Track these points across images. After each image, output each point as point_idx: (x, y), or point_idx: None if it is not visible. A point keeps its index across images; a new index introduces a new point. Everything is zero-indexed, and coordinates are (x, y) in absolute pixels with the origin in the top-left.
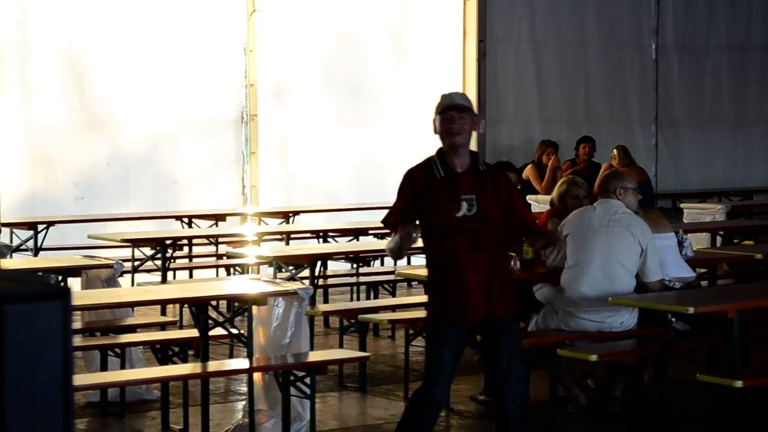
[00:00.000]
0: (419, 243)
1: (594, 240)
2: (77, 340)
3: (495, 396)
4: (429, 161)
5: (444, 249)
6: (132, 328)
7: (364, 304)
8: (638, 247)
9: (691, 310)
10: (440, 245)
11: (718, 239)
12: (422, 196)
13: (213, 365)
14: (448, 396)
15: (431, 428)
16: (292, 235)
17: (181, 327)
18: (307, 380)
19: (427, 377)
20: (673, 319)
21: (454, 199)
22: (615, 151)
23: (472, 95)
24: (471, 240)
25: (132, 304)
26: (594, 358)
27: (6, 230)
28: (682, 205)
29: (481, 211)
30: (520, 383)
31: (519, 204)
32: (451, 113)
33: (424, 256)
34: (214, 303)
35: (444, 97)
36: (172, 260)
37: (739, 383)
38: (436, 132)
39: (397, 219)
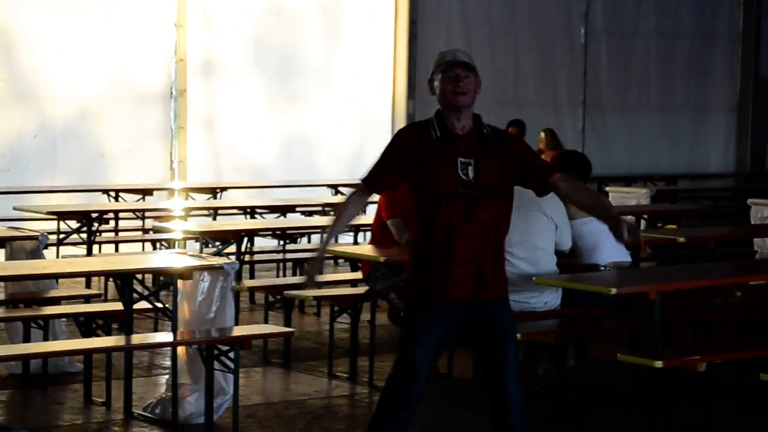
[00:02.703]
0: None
1: (511, 227)
2: (0, 311)
3: (494, 394)
4: (426, 122)
5: (434, 216)
6: (56, 301)
7: (290, 280)
8: (553, 225)
9: (614, 290)
10: (430, 212)
11: (643, 222)
12: (413, 158)
13: (137, 338)
14: (371, 375)
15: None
16: (220, 211)
17: (106, 300)
18: (231, 355)
19: (401, 365)
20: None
21: (450, 162)
22: (543, 134)
23: (403, 76)
24: (465, 208)
25: (56, 276)
26: (517, 336)
27: None
28: (607, 189)
29: (479, 177)
30: (518, 378)
31: (530, 155)
32: (457, 71)
33: (351, 233)
34: (139, 276)
35: (446, 53)
36: (98, 234)
37: (659, 363)
38: (433, 93)
39: (374, 181)
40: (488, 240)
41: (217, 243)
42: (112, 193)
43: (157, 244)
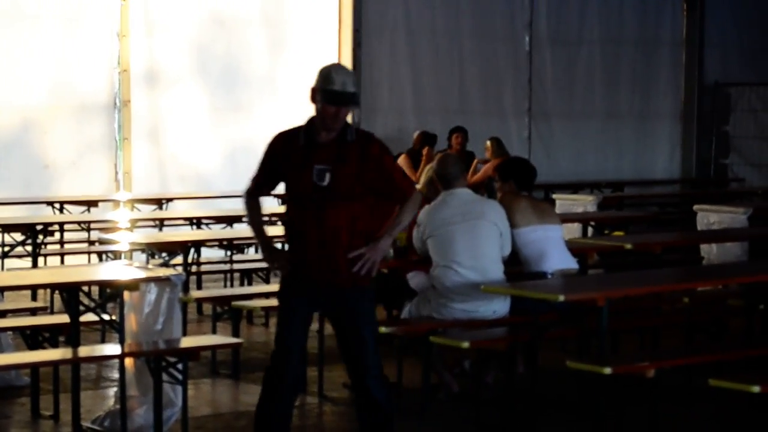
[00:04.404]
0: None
1: (455, 238)
2: None
3: (357, 385)
4: (297, 128)
5: (294, 218)
6: (1, 314)
7: (238, 290)
8: (498, 231)
9: (562, 297)
10: (291, 214)
11: (590, 230)
12: (280, 164)
13: (84, 351)
14: (321, 385)
15: (288, 411)
16: (165, 222)
17: (52, 313)
18: (180, 366)
19: (275, 356)
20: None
21: (307, 169)
22: (488, 142)
23: None
24: (316, 212)
25: (1, 289)
26: (466, 345)
27: None
28: (554, 196)
29: (334, 183)
30: (380, 368)
31: (391, 171)
32: (338, 106)
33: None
34: (85, 289)
35: (334, 77)
36: (43, 246)
37: (607, 370)
38: (313, 101)
39: (255, 186)
40: (338, 241)
41: (164, 254)
42: (57, 205)
43: (103, 256)
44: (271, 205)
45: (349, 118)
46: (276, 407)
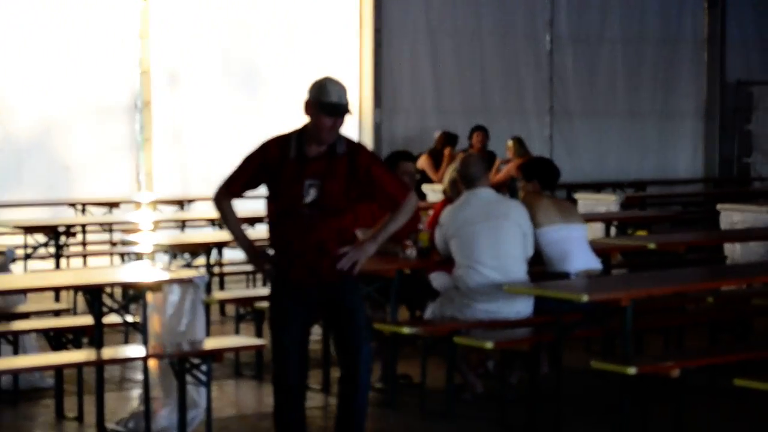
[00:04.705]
0: None
1: (477, 238)
2: None
3: (346, 374)
4: (288, 137)
5: (278, 228)
6: (25, 315)
7: (261, 291)
8: (521, 232)
9: (585, 298)
10: (276, 222)
11: (612, 229)
12: (270, 173)
13: (108, 352)
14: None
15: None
16: (188, 223)
17: (75, 314)
18: (203, 368)
19: (276, 361)
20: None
21: (297, 184)
22: (510, 142)
23: (369, 85)
24: (303, 226)
25: (25, 291)
26: (490, 345)
27: None
28: (576, 196)
29: (322, 198)
30: (370, 358)
31: (381, 179)
32: (335, 118)
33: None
34: (108, 290)
35: (329, 91)
36: (65, 247)
37: (632, 370)
38: (307, 114)
39: (231, 187)
40: (324, 253)
41: (186, 255)
42: (79, 207)
43: (126, 257)
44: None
45: (368, 121)
46: (290, 413)
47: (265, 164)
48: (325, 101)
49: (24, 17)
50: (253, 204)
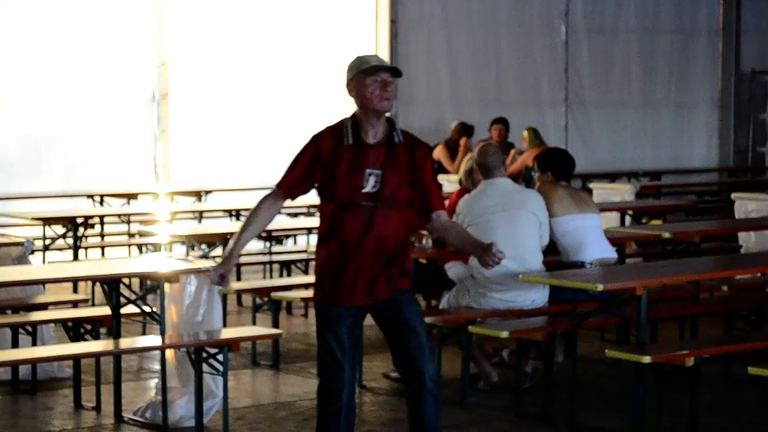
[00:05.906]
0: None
1: (494, 227)
2: None
3: (409, 379)
4: (340, 126)
5: (336, 224)
6: (43, 306)
7: (277, 282)
8: (537, 221)
9: (600, 287)
10: (335, 220)
11: (627, 219)
12: (326, 165)
13: (125, 342)
14: (360, 375)
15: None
16: (205, 214)
17: (93, 305)
18: (220, 357)
19: (324, 365)
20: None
21: (358, 174)
22: (525, 132)
23: None
24: (366, 220)
25: (43, 282)
26: (505, 335)
27: None
28: (591, 186)
29: (384, 189)
30: (433, 361)
31: (430, 178)
32: (384, 75)
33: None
34: (126, 281)
35: (369, 57)
36: (83, 238)
37: (647, 359)
38: (353, 94)
39: (290, 187)
40: (385, 248)
41: (204, 246)
42: (97, 198)
43: (143, 248)
44: (307, 197)
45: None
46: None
47: (318, 156)
48: (368, 67)
49: (43, 10)
50: None
